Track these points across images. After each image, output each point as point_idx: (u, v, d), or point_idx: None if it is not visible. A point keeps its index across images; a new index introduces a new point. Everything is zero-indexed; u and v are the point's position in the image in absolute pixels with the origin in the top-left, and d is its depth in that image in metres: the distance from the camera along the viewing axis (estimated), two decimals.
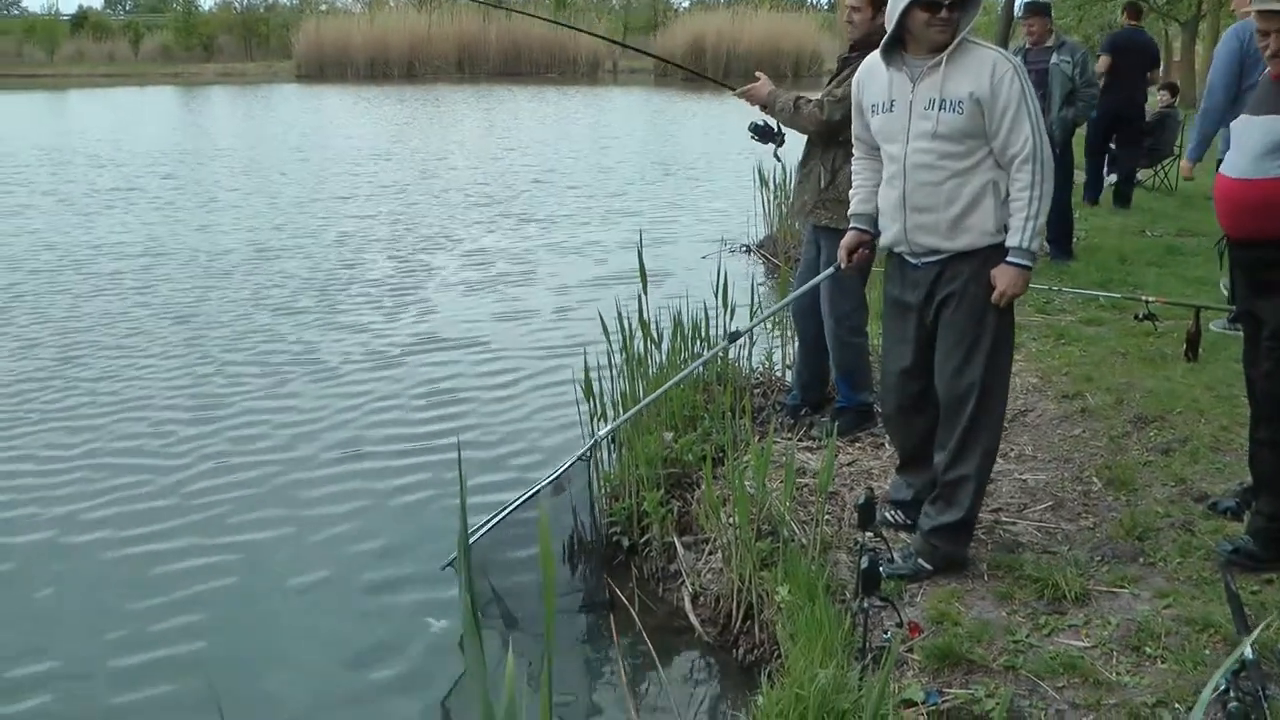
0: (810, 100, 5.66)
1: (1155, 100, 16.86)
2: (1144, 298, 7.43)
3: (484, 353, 8.63)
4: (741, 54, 55.14)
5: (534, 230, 14.14)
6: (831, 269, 5.12)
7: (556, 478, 5.08)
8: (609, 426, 5.48)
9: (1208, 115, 7.25)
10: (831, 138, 5.58)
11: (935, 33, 3.99)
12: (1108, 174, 13.60)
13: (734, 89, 6.01)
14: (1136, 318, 7.32)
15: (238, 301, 10.16)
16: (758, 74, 5.96)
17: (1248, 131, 4.09)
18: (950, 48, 4.00)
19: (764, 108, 5.86)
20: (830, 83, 5.65)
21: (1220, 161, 4.48)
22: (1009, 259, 4.03)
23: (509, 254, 12.56)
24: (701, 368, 6.20)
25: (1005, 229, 4.05)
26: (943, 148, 4.04)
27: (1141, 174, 14.90)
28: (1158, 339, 7.14)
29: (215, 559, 5.38)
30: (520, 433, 6.97)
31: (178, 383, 7.84)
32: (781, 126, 5.94)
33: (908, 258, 4.28)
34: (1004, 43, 18.60)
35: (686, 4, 74.65)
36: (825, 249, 5.68)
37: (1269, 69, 4.14)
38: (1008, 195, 4.04)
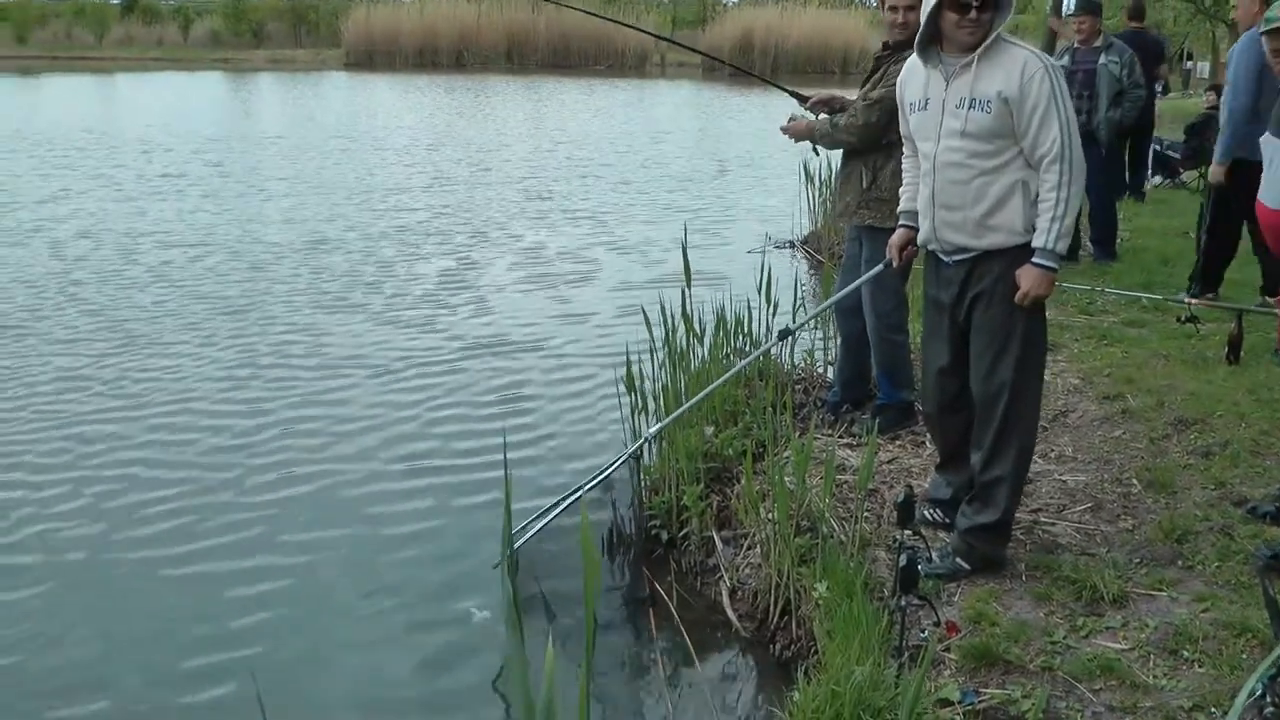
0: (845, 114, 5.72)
1: (1201, 102, 16.80)
2: (1186, 300, 7.41)
3: (540, 351, 8.65)
4: (790, 50, 54.95)
5: (589, 226, 14.11)
6: (880, 266, 5.13)
7: (603, 477, 5.13)
8: (657, 425, 5.51)
9: (1234, 118, 7.20)
10: (875, 142, 5.59)
11: (965, 34, 4.02)
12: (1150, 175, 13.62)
13: (784, 88, 6.08)
14: (1179, 320, 7.30)
15: (289, 296, 10.11)
16: (787, 121, 6.05)
17: (1275, 155, 4.06)
18: (982, 47, 4.02)
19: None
20: (864, 85, 5.67)
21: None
22: (1033, 260, 4.04)
23: (564, 251, 12.54)
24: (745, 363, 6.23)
25: (1034, 229, 4.06)
26: (971, 146, 4.07)
27: (1185, 175, 14.89)
28: (1199, 341, 7.11)
29: (270, 540, 5.48)
30: (572, 427, 7.02)
31: (229, 378, 7.83)
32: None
33: (940, 255, 4.32)
34: (1050, 45, 18.45)
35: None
36: (868, 247, 5.71)
37: None
38: (1038, 196, 4.05)
